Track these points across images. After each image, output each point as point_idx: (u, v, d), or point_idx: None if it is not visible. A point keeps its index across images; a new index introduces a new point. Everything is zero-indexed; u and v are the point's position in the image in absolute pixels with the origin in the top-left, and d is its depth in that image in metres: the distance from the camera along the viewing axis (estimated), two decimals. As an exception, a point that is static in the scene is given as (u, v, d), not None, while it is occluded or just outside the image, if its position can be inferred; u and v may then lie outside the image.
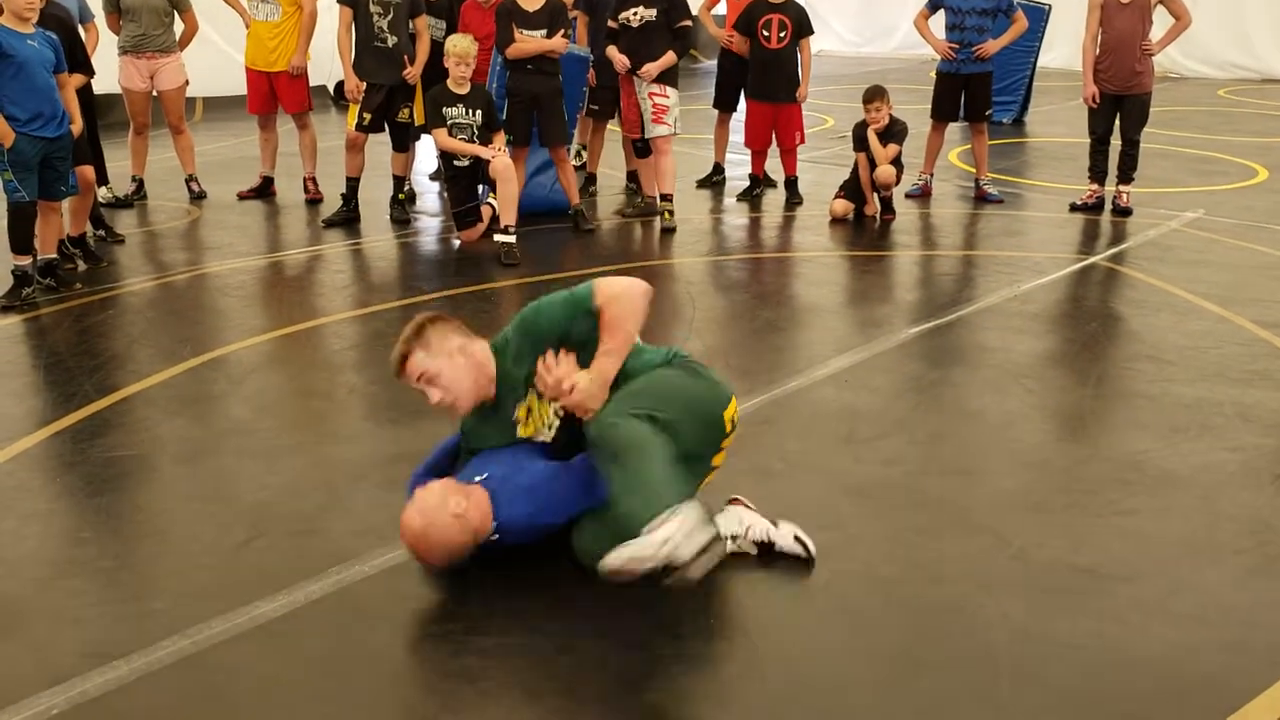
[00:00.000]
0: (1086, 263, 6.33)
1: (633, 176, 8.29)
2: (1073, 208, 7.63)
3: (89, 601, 2.98)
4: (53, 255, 5.90)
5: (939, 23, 7.93)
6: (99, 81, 7.16)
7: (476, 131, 6.63)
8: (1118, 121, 7.41)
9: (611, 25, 7.20)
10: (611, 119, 8.28)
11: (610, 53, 7.20)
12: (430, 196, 8.47)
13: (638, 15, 7.05)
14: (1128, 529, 3.32)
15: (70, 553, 3.24)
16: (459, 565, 3.01)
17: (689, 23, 7.25)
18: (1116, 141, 7.45)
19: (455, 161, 6.70)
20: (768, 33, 7.71)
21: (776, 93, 7.82)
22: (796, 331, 5.31)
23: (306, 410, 4.37)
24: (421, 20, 7.35)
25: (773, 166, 8.33)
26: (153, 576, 3.13)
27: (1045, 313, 5.43)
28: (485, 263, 6.43)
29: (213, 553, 3.22)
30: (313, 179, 8.14)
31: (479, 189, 6.90)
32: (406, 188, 7.80)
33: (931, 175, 8.21)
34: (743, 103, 8.19)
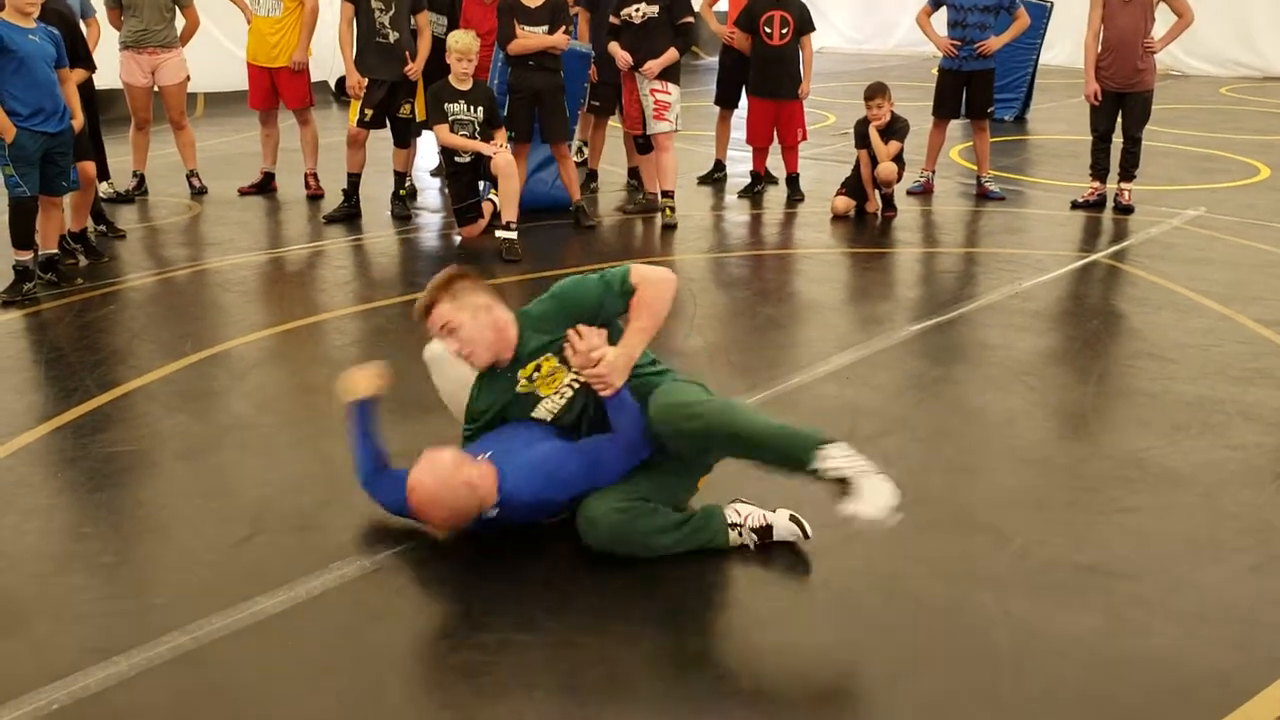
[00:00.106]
0: (1088, 260, 6.32)
1: (634, 173, 8.30)
2: (1074, 205, 7.62)
3: (90, 597, 2.98)
4: (54, 250, 5.90)
5: (941, 19, 7.93)
6: (100, 76, 7.15)
7: (478, 128, 6.62)
8: (1119, 119, 7.40)
9: (613, 21, 7.19)
10: (613, 115, 8.27)
11: (612, 49, 7.19)
12: (431, 192, 8.47)
13: (639, 12, 7.04)
14: (1129, 526, 3.32)
15: (71, 548, 3.25)
16: (456, 532, 3.07)
17: (691, 19, 7.24)
18: (1118, 139, 7.45)
19: (456, 158, 6.69)
20: (769, 29, 7.70)
21: (778, 89, 7.82)
22: (798, 328, 5.31)
23: (307, 406, 4.37)
24: (423, 16, 7.34)
25: (774, 163, 8.32)
26: (153, 572, 3.13)
27: (1047, 310, 5.43)
28: (486, 259, 6.43)
29: (213, 549, 3.22)
30: (314, 174, 8.14)
31: (480, 185, 6.90)
32: (408, 184, 7.80)
33: (933, 172, 8.21)
34: (744, 99, 8.19)
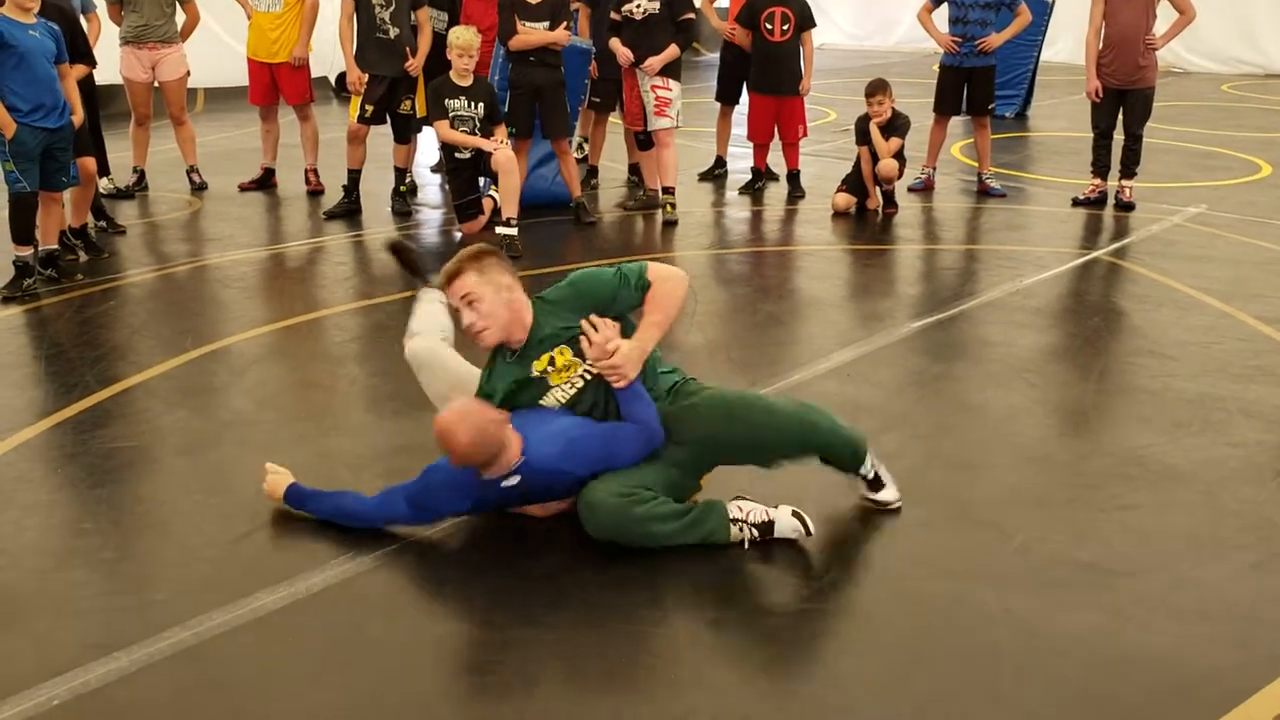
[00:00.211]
0: (1089, 257, 6.32)
1: (634, 169, 8.29)
2: (1075, 202, 7.61)
3: (90, 593, 2.98)
4: (54, 246, 5.90)
5: (942, 16, 7.92)
6: (100, 72, 7.15)
7: (478, 124, 6.62)
8: (1121, 116, 7.39)
9: (614, 18, 7.18)
10: (613, 111, 8.27)
11: (613, 45, 7.19)
12: (432, 189, 8.46)
13: (640, 8, 7.04)
14: (1130, 524, 3.32)
15: (71, 544, 3.25)
16: (477, 463, 3.07)
17: (691, 15, 7.24)
18: (1119, 136, 7.44)
19: (457, 154, 6.69)
20: (770, 25, 7.69)
21: (779, 86, 7.81)
22: (798, 325, 5.31)
23: (308, 402, 4.36)
24: (423, 12, 7.33)
25: (775, 160, 8.32)
26: (154, 568, 3.13)
27: (1047, 307, 5.43)
28: (487, 255, 6.41)
29: (214, 544, 3.22)
30: (314, 170, 8.13)
31: (480, 181, 6.89)
32: (408, 180, 7.79)
33: (934, 169, 8.20)
34: (745, 96, 8.18)
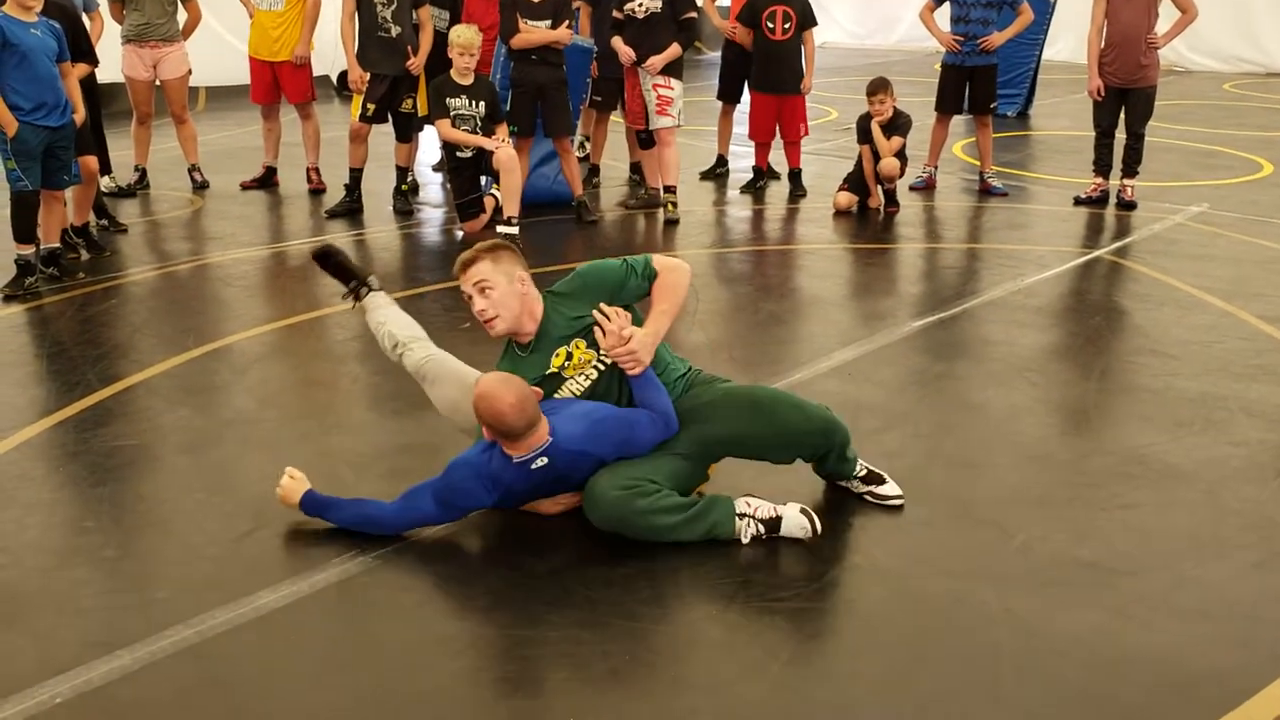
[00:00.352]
0: (1090, 256, 6.31)
1: (636, 168, 8.29)
2: (1077, 201, 7.61)
3: (92, 591, 2.99)
4: (56, 244, 5.90)
5: (944, 15, 7.92)
6: (102, 70, 7.16)
7: (480, 122, 6.62)
8: (1122, 115, 7.39)
9: (617, 16, 7.18)
10: (615, 110, 8.27)
11: (615, 44, 7.18)
12: (433, 187, 8.46)
13: (642, 6, 7.03)
14: (1131, 523, 3.32)
15: (73, 542, 3.25)
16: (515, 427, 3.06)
17: (693, 14, 7.24)
18: (1121, 135, 7.44)
19: (458, 153, 6.69)
20: (772, 24, 7.69)
21: (780, 84, 7.81)
22: (800, 324, 5.31)
23: (310, 401, 4.37)
24: (425, 10, 7.33)
25: (776, 159, 8.32)
26: (156, 566, 3.13)
27: (1049, 306, 5.42)
28: (488, 254, 6.41)
29: (216, 543, 3.22)
30: (316, 169, 8.13)
31: (482, 180, 6.89)
32: (409, 179, 7.79)
33: (936, 168, 8.20)
34: (746, 94, 8.18)
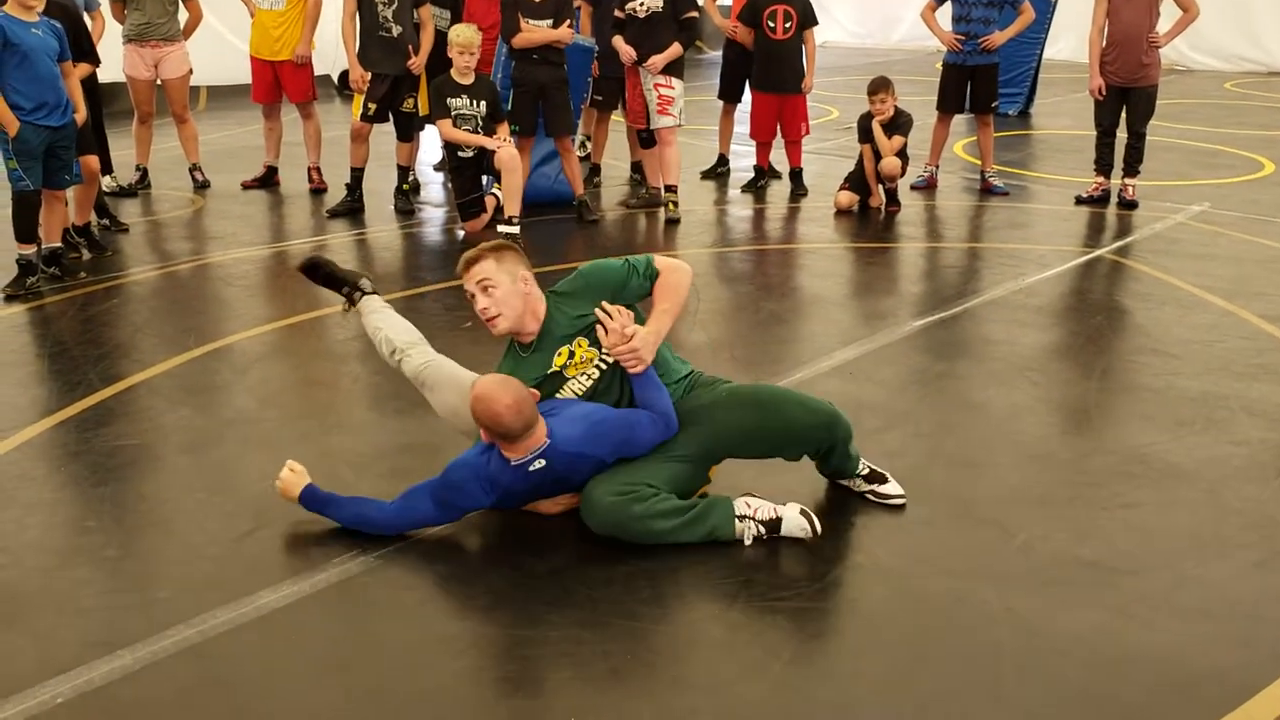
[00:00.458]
0: (1092, 256, 6.31)
1: (637, 167, 8.29)
2: (1078, 200, 7.61)
3: (93, 591, 2.99)
4: (57, 244, 5.90)
5: (945, 14, 7.91)
6: (103, 70, 7.16)
7: (481, 122, 6.62)
8: (1124, 114, 7.38)
9: (618, 15, 7.18)
10: (616, 110, 8.27)
11: (616, 43, 7.19)
12: (434, 187, 8.46)
13: (644, 6, 7.03)
14: (1132, 522, 3.32)
15: (74, 542, 3.25)
16: (513, 430, 3.06)
17: (694, 14, 7.24)
18: (1122, 134, 7.43)
19: (460, 152, 6.68)
20: (773, 24, 7.69)
21: (782, 84, 7.81)
22: (801, 323, 5.31)
23: (311, 400, 4.37)
24: (426, 10, 7.34)
25: (777, 158, 8.31)
26: (157, 566, 3.13)
27: (1050, 306, 5.42)
28: (489, 253, 6.41)
29: (217, 542, 3.22)
30: (317, 169, 8.14)
31: (483, 180, 6.89)
32: (411, 178, 7.79)
33: (937, 167, 8.19)
34: (748, 94, 8.18)
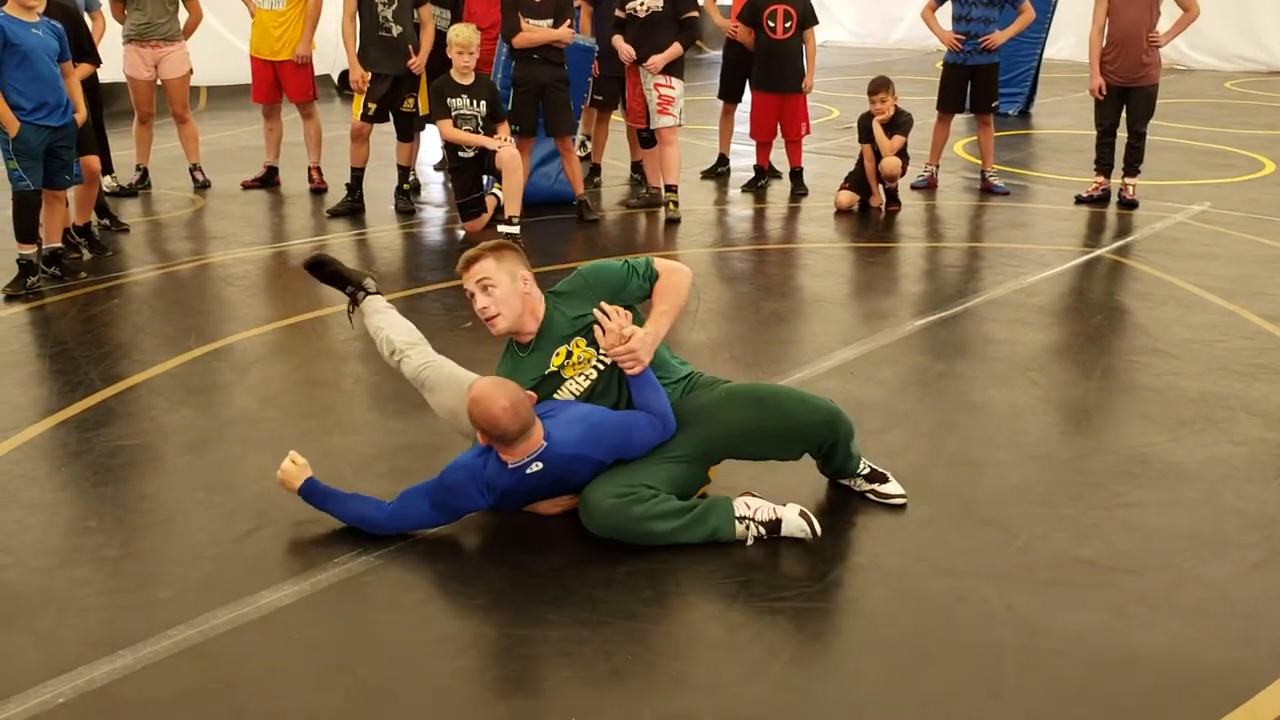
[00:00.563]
0: (1092, 255, 6.31)
1: (637, 167, 8.29)
2: (1078, 200, 7.61)
3: (94, 591, 2.99)
4: (58, 244, 5.90)
5: (945, 14, 7.92)
6: (103, 70, 7.16)
7: (481, 122, 6.62)
8: (1124, 113, 7.38)
9: (619, 15, 7.18)
10: (616, 109, 8.27)
11: (616, 42, 7.19)
12: (435, 187, 8.47)
13: (644, 6, 7.03)
14: (1133, 522, 3.32)
15: (75, 542, 3.25)
16: (511, 434, 3.04)
17: (695, 13, 7.24)
18: (1123, 134, 7.43)
19: (461, 152, 6.69)
20: (773, 23, 7.69)
21: (782, 83, 7.81)
22: (801, 323, 5.31)
23: (312, 400, 4.37)
24: (426, 10, 7.34)
25: (778, 158, 8.31)
26: (158, 566, 3.13)
27: (1051, 305, 5.42)
28: (490, 253, 6.41)
29: (218, 542, 3.23)
30: (317, 169, 8.14)
31: (484, 180, 6.89)
32: (411, 178, 7.80)
33: (937, 167, 8.19)
34: (748, 93, 8.18)
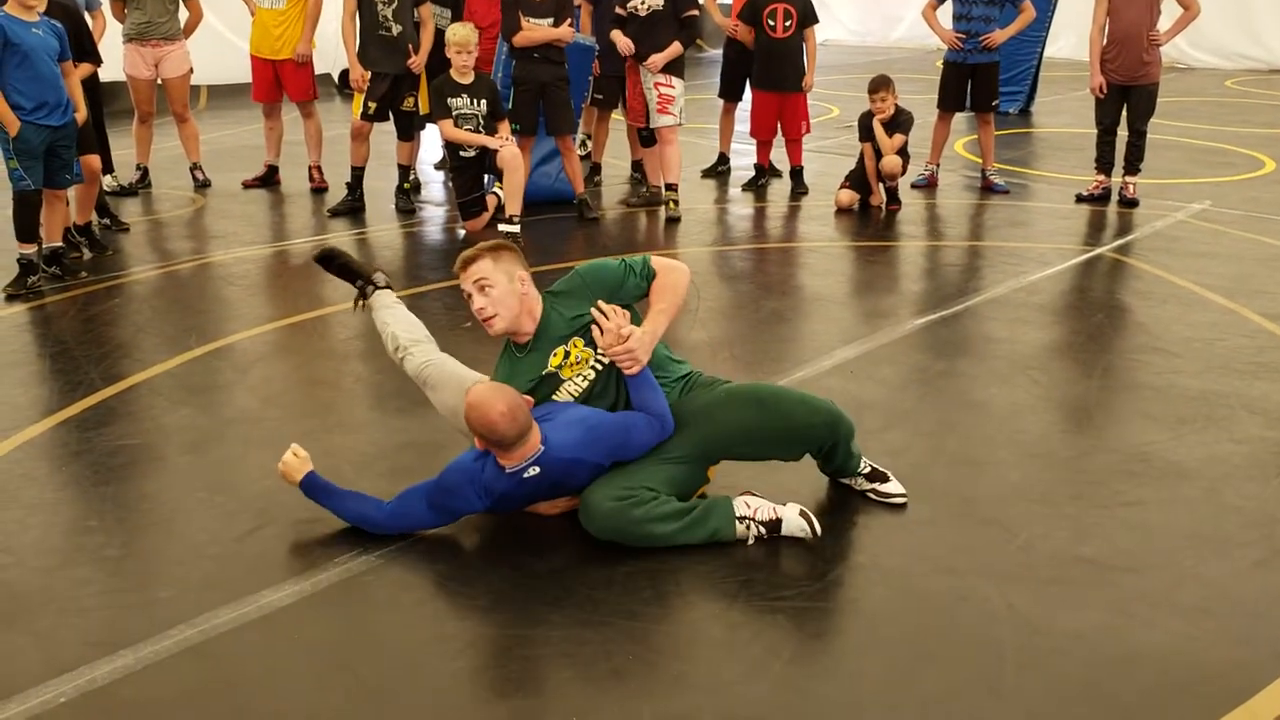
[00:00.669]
0: (1092, 254, 6.31)
1: (637, 166, 8.29)
2: (1079, 199, 7.61)
3: (95, 591, 2.99)
4: (58, 244, 5.91)
5: (945, 13, 7.91)
6: (103, 69, 7.16)
7: (482, 121, 6.61)
8: (1124, 112, 7.38)
9: (619, 13, 7.18)
10: (616, 108, 8.27)
11: (615, 36, 7.18)
12: (435, 186, 8.47)
13: (644, 4, 7.03)
14: (1133, 521, 3.32)
15: (76, 542, 3.25)
16: (510, 437, 3.03)
17: (695, 12, 7.23)
18: (1123, 132, 7.43)
19: (461, 152, 6.68)
20: (773, 22, 7.69)
21: (782, 82, 7.81)
22: (802, 322, 5.31)
23: (312, 399, 4.37)
24: (426, 9, 7.33)
25: (778, 156, 8.31)
26: (159, 565, 3.14)
27: (1051, 304, 5.42)
28: (490, 252, 6.41)
29: (218, 542, 3.23)
30: (318, 168, 8.14)
31: (485, 179, 6.89)
32: (411, 177, 7.80)
33: (937, 165, 8.19)
34: (748, 92, 8.18)
